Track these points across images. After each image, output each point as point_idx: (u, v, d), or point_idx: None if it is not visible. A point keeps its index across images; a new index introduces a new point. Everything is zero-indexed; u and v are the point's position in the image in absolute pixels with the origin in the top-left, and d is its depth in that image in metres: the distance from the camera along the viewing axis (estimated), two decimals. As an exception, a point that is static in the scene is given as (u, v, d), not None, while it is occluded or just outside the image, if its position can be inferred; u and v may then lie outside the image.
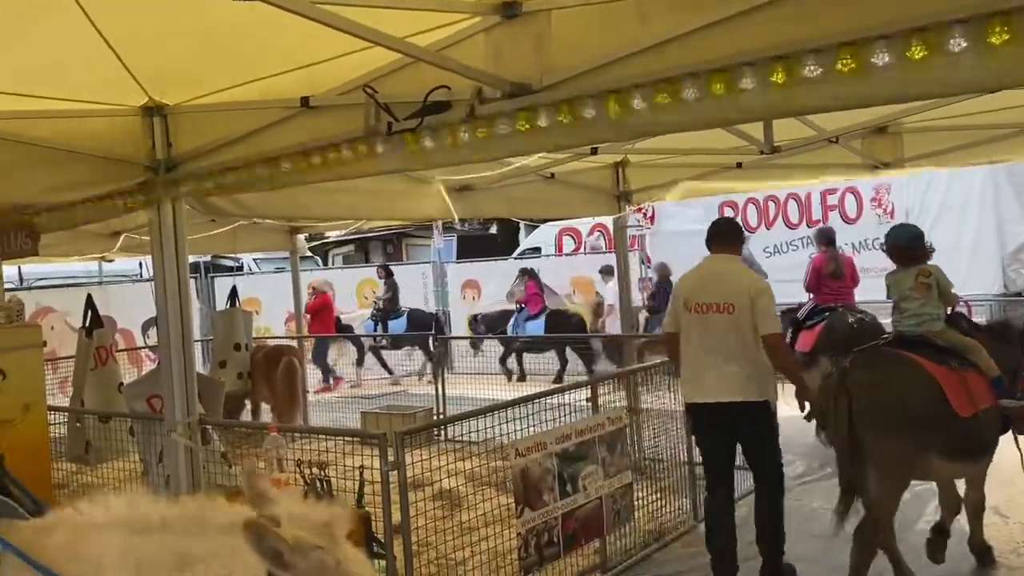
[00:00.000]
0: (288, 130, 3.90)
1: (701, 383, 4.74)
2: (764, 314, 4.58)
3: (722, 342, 4.64)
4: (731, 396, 4.61)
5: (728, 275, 4.80)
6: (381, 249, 27.05)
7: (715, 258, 4.90)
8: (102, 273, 14.59)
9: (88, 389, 6.49)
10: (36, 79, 3.80)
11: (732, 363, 4.61)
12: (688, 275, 5.05)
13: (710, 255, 4.94)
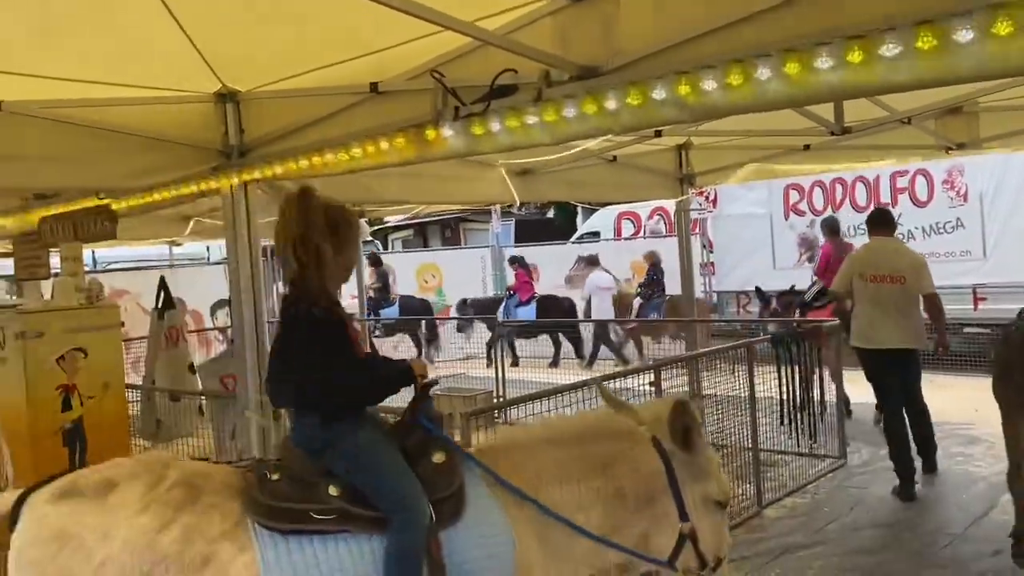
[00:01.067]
0: (357, 116, 3.96)
1: (879, 335, 5.98)
2: (927, 281, 5.97)
3: (895, 304, 5.94)
4: (905, 344, 5.96)
5: (895, 253, 6.18)
6: (439, 233, 27.29)
7: (879, 239, 6.22)
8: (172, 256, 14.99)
9: (159, 369, 6.71)
10: (115, 67, 3.93)
11: (903, 319, 5.94)
12: (860, 251, 6.49)
13: (874, 237, 6.24)
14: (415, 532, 2.48)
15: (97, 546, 2.37)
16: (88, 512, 2.43)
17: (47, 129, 4.03)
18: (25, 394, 5.13)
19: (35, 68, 3.76)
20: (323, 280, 2.68)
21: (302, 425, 2.71)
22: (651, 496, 2.76)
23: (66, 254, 5.86)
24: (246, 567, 2.40)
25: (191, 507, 2.44)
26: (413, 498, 2.52)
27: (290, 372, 2.67)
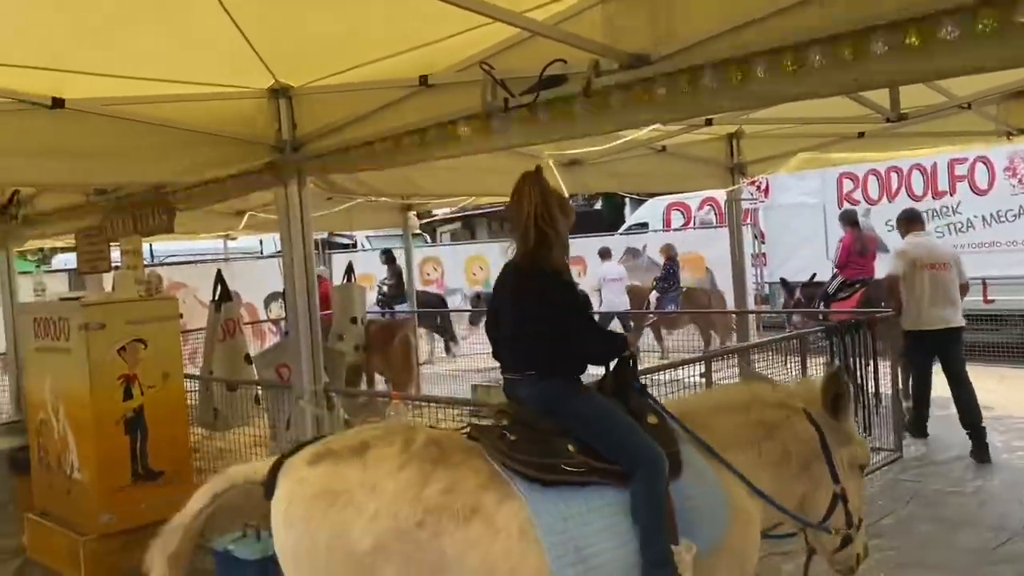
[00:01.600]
0: (407, 109, 4.00)
1: (933, 317, 6.72)
2: (963, 269, 6.96)
3: (944, 289, 6.77)
4: (957, 323, 6.77)
5: (938, 245, 7.43)
6: (486, 226, 27.37)
7: (921, 234, 7.16)
8: (227, 250, 15.31)
9: (216, 359, 6.86)
10: (173, 65, 4.02)
11: (951, 301, 6.79)
12: (912, 243, 7.07)
13: (912, 233, 7.10)
14: (659, 482, 2.73)
15: (366, 499, 2.54)
16: (350, 470, 2.61)
17: (108, 126, 4.13)
18: (89, 384, 5.29)
19: (96, 67, 3.87)
20: (561, 251, 3.01)
21: (539, 387, 2.91)
22: (808, 461, 3.06)
23: (126, 248, 6.04)
24: (514, 514, 2.60)
25: (444, 463, 2.64)
26: (654, 452, 2.78)
27: (547, 335, 2.91)
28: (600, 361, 3.07)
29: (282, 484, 2.67)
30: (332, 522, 2.54)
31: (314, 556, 2.57)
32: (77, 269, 7.46)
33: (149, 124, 4.26)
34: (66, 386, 5.57)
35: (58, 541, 5.53)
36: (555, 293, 2.95)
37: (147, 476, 5.45)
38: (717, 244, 12.41)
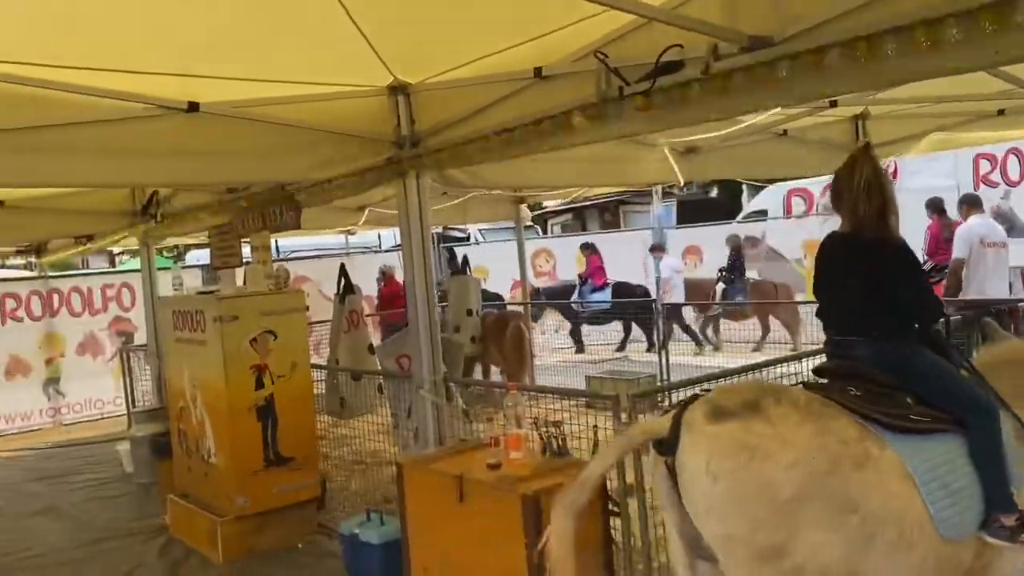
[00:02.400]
0: (522, 101, 4.01)
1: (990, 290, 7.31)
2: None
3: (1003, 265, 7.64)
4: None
5: (995, 225, 8.07)
6: (598, 217, 27.20)
7: (981, 215, 7.91)
8: (348, 245, 15.82)
9: (341, 350, 7.11)
10: (296, 67, 4.18)
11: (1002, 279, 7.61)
12: (974, 224, 7.74)
13: (974, 215, 7.80)
14: (995, 426, 2.96)
15: (780, 452, 2.78)
16: (759, 425, 2.83)
17: (238, 128, 4.33)
18: (223, 374, 5.59)
19: (226, 71, 4.06)
20: (896, 219, 3.28)
21: (879, 347, 3.17)
22: None
23: (256, 243, 6.33)
24: (891, 463, 2.85)
25: (826, 417, 2.89)
26: (986, 400, 3.03)
27: (888, 299, 3.17)
28: (932, 321, 3.35)
29: (691, 440, 2.86)
30: (755, 472, 2.77)
31: (743, 504, 2.78)
32: (210, 264, 7.87)
33: (275, 125, 4.43)
34: (203, 375, 5.90)
35: (197, 521, 5.88)
36: (895, 259, 3.24)
37: (278, 462, 5.72)
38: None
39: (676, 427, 2.90)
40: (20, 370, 11.29)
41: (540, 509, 3.61)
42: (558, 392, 4.70)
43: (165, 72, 3.92)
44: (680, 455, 2.88)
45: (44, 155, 3.74)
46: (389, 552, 4.73)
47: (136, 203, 7.62)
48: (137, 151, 4.03)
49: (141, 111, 4.01)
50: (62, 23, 3.33)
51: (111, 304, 12.17)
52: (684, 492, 2.89)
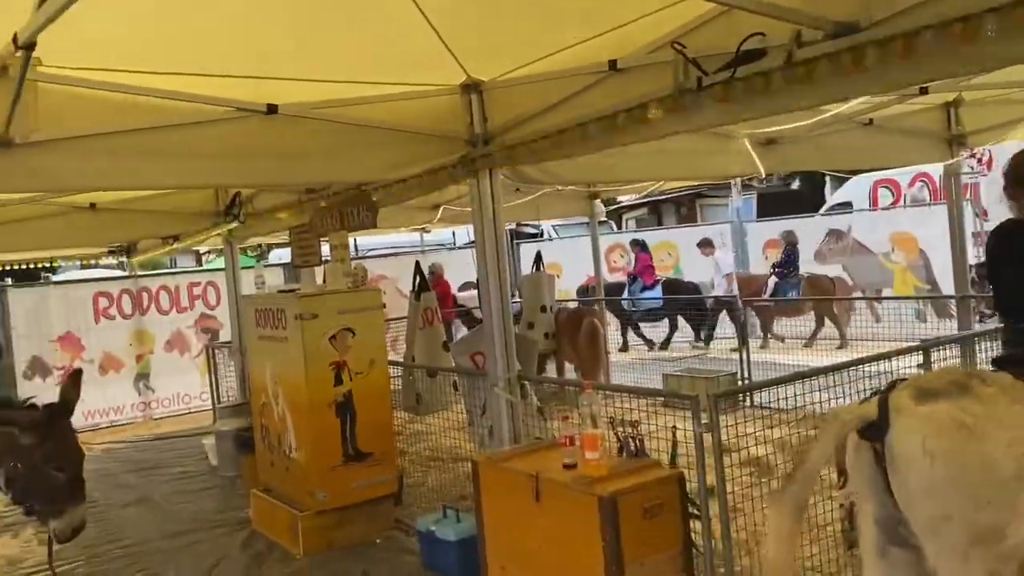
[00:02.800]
0: (596, 95, 3.95)
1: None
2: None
3: None
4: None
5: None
6: (674, 211, 26.81)
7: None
8: (423, 242, 15.98)
9: (417, 346, 7.16)
10: (371, 67, 4.21)
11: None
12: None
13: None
14: None
15: (997, 431, 2.77)
16: (973, 406, 2.82)
17: (314, 129, 4.39)
18: (304, 370, 5.68)
19: (303, 73, 4.12)
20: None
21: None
22: None
23: (334, 242, 6.42)
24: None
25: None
26: None
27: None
28: None
29: (903, 422, 2.85)
30: (974, 451, 2.74)
31: (964, 483, 2.75)
32: (291, 263, 8.04)
33: (351, 125, 4.48)
34: (284, 372, 6.02)
35: (279, 515, 6.00)
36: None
37: (356, 457, 5.79)
38: (931, 223, 11.47)
39: (884, 410, 2.87)
40: (113, 366, 11.77)
41: (617, 511, 3.56)
42: (635, 391, 4.61)
43: (245, 75, 4.00)
44: (891, 437, 2.85)
45: (131, 158, 3.86)
46: (465, 549, 4.74)
47: (220, 204, 7.84)
48: (218, 153, 4.13)
49: (222, 114, 4.10)
50: (149, 31, 3.42)
51: (197, 302, 12.59)
52: (895, 475, 2.84)
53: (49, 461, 3.98)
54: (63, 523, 4.02)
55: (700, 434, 3.76)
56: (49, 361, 11.41)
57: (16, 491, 4.07)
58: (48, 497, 4.02)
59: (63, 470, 4.01)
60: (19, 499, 4.10)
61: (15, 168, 3.53)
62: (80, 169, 3.74)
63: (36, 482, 3.99)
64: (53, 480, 3.98)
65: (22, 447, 3.96)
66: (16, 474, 4.00)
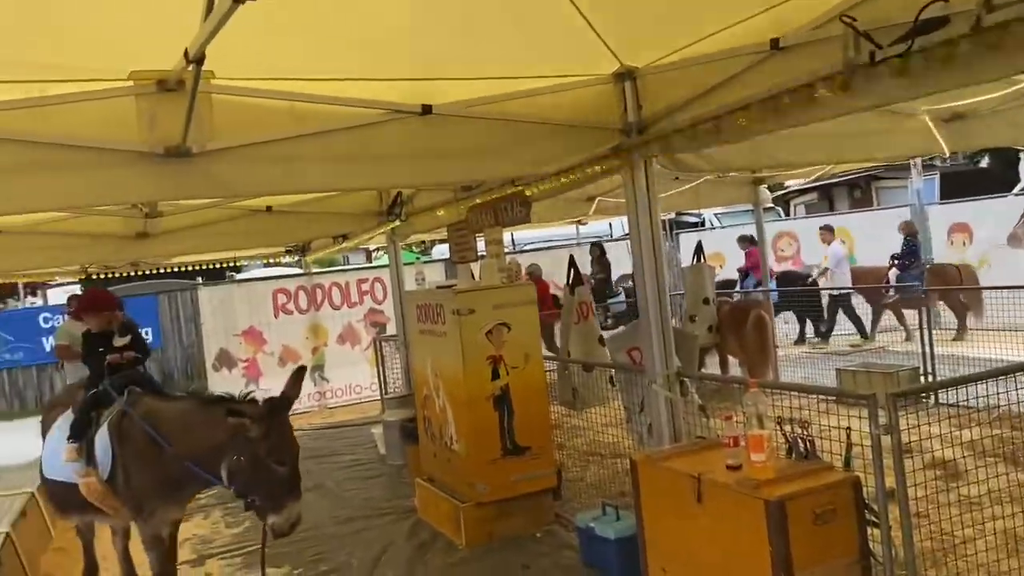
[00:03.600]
0: (757, 76, 3.74)
1: None
2: None
3: None
4: None
5: None
6: (847, 195, 25.33)
7: None
8: (578, 235, 15.93)
9: (572, 341, 7.12)
10: (522, 62, 4.19)
11: None
12: None
13: None
14: None
15: None
16: None
17: (468, 127, 4.43)
18: (462, 364, 5.78)
19: (457, 73, 4.16)
20: None
21: None
22: None
23: (489, 238, 6.49)
24: None
25: None
26: None
27: None
28: None
29: None
30: None
31: None
32: (450, 259, 8.20)
33: (503, 121, 4.48)
34: (443, 365, 6.15)
35: (442, 505, 6.15)
36: None
37: (515, 451, 5.83)
38: None
39: None
40: (291, 358, 12.51)
41: (786, 515, 3.36)
42: (805, 389, 4.34)
43: (401, 78, 4.09)
44: None
45: (298, 163, 4.04)
46: (625, 548, 4.66)
47: (383, 204, 8.14)
48: (378, 156, 4.24)
49: (380, 117, 4.21)
50: (310, 39, 3.56)
51: (366, 297, 13.17)
52: None
53: (271, 455, 4.05)
54: (282, 518, 4.07)
55: (878, 435, 3.48)
56: (234, 354, 12.30)
57: (239, 484, 4.16)
58: (269, 491, 4.07)
59: (284, 464, 4.08)
60: (242, 493, 4.18)
61: (194, 176, 3.76)
62: (253, 175, 3.94)
63: (258, 476, 4.07)
64: (274, 474, 4.05)
65: (248, 440, 4.07)
66: (239, 467, 4.11)
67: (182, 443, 4.39)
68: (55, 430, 5.04)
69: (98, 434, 4.69)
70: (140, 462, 4.52)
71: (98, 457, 4.65)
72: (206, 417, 4.33)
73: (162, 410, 4.64)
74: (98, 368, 5.01)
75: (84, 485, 4.63)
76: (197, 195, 4.10)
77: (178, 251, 8.70)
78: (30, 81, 3.44)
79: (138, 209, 6.55)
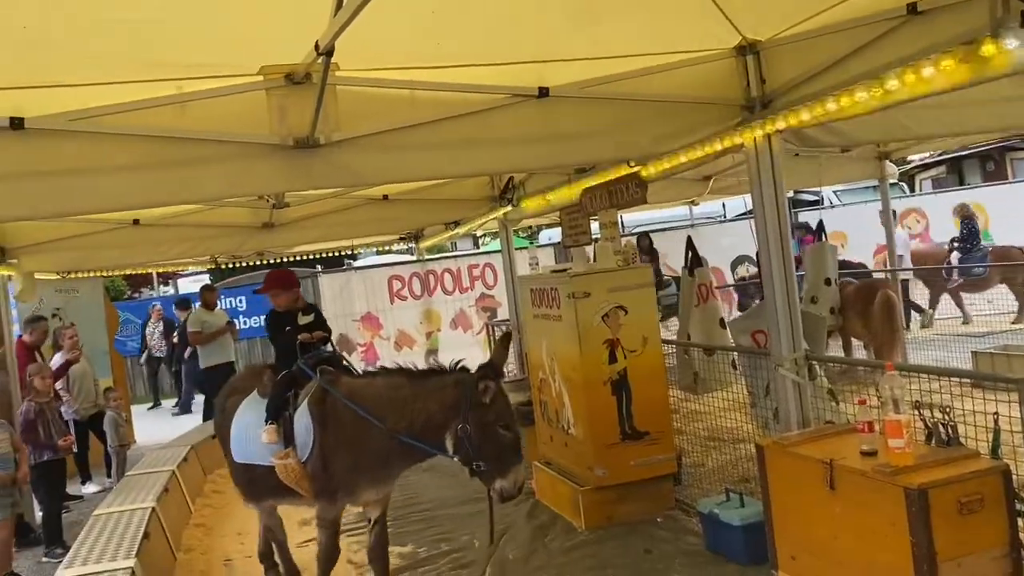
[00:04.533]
0: (891, 44, 3.55)
1: None
2: None
3: None
4: None
5: None
6: (979, 167, 23.82)
7: None
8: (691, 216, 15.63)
9: (692, 324, 6.99)
10: (643, 39, 4.12)
11: None
12: None
13: None
14: None
15: None
16: None
17: (584, 108, 4.40)
18: (578, 348, 5.76)
19: (573, 53, 4.13)
20: None
21: None
22: None
23: (603, 220, 6.43)
24: None
25: None
26: None
27: None
28: None
29: None
30: None
31: None
32: (562, 243, 8.18)
33: (620, 101, 4.42)
34: (559, 349, 6.14)
35: (560, 489, 6.16)
36: None
37: (634, 436, 5.77)
38: None
39: None
40: (407, 343, 12.84)
41: (928, 504, 3.21)
42: (943, 372, 4.12)
43: (517, 61, 4.09)
44: None
45: (418, 151, 4.10)
46: (751, 534, 4.55)
47: (495, 189, 8.19)
48: (495, 140, 4.26)
49: (497, 101, 4.22)
50: (428, 27, 3.60)
51: (477, 283, 13.34)
52: None
53: (499, 420, 4.08)
54: (509, 482, 4.09)
55: (1031, 422, 3.28)
56: (352, 339, 12.71)
57: (464, 452, 4.13)
58: (497, 456, 4.08)
59: (509, 429, 4.14)
60: (467, 460, 4.15)
61: (321, 166, 3.88)
62: (375, 164, 4.04)
63: (487, 442, 4.07)
64: (502, 439, 4.08)
65: (476, 407, 4.07)
66: (464, 435, 4.09)
67: (396, 418, 4.30)
68: (243, 414, 4.92)
69: (297, 414, 4.58)
70: (345, 441, 4.43)
71: (297, 437, 4.53)
72: (421, 389, 4.29)
73: (364, 387, 4.55)
74: (289, 347, 4.85)
75: (282, 467, 4.52)
76: (325, 185, 4.22)
77: (300, 240, 9.04)
78: (168, 79, 3.63)
79: (266, 201, 6.82)
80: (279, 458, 4.51)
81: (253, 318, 16.59)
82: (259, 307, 16.59)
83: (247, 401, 4.95)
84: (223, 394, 5.34)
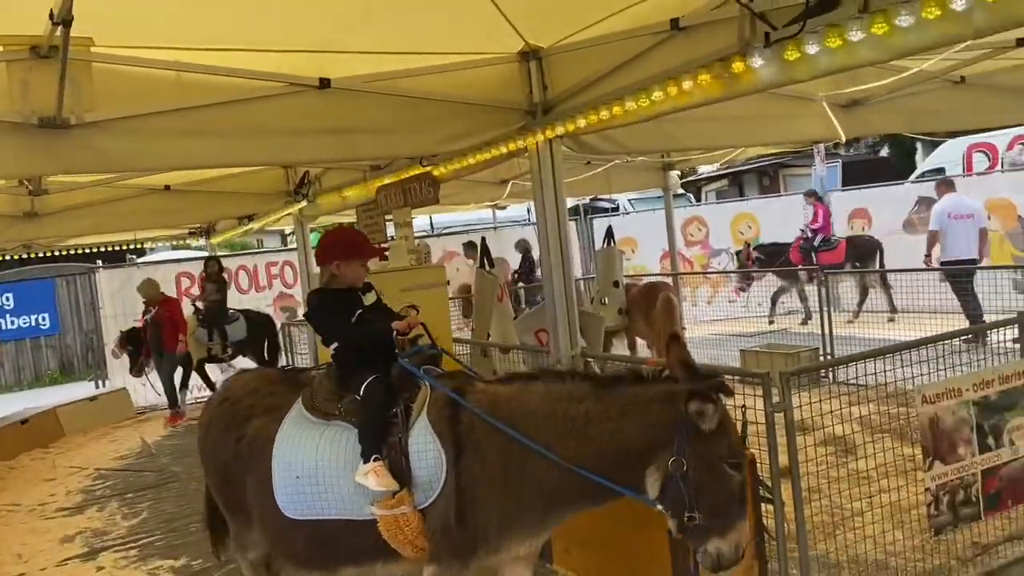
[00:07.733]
0: (658, 56, 3.75)
1: None
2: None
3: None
4: None
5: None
6: (756, 182, 26.03)
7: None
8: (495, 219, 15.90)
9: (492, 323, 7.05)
10: (428, 37, 4.10)
11: None
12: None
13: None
14: None
15: None
16: None
17: (367, 102, 4.30)
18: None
19: (357, 45, 4.03)
20: None
21: None
22: None
23: (398, 220, 6.37)
24: None
25: None
26: None
27: None
28: None
29: None
30: None
31: None
32: (360, 241, 8.00)
33: (405, 98, 4.38)
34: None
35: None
36: None
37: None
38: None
39: None
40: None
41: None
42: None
43: (298, 49, 3.94)
44: None
45: (184, 137, 3.85)
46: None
47: (290, 183, 7.90)
48: (272, 130, 4.08)
49: (274, 89, 4.05)
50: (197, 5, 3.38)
51: (275, 281, 12.83)
52: None
53: (730, 456, 2.98)
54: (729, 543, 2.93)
55: (771, 413, 3.55)
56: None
57: (674, 498, 2.94)
58: (721, 507, 2.94)
59: (739, 469, 2.97)
60: (677, 510, 2.94)
61: (73, 149, 3.54)
62: (135, 149, 3.74)
63: (711, 485, 2.92)
64: (730, 483, 2.96)
65: (697, 434, 2.90)
66: (678, 474, 2.90)
67: (572, 444, 3.05)
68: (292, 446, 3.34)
69: (412, 439, 3.20)
70: (494, 477, 3.12)
71: (417, 474, 3.17)
72: (611, 404, 3.04)
73: (515, 397, 3.21)
74: (369, 340, 3.46)
75: (390, 520, 3.15)
76: (77, 169, 3.87)
77: (73, 232, 8.26)
78: None
79: (22, 186, 6.18)
80: (386, 506, 3.14)
81: (23, 317, 15.13)
82: (31, 304, 15.13)
83: (290, 424, 3.42)
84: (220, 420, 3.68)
